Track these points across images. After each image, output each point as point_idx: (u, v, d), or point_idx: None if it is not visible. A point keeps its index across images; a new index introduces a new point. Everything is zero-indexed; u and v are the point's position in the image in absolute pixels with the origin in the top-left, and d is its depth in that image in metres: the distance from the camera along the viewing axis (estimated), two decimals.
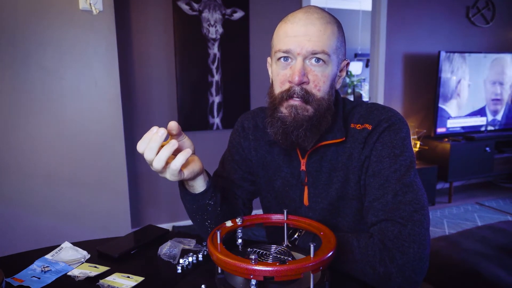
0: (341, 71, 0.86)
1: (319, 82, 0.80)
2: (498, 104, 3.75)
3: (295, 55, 0.78)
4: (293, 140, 0.81)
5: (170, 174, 0.70)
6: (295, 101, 0.79)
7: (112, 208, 2.22)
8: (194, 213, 0.87)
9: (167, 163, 0.69)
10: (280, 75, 0.82)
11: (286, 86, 0.80)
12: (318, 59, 0.78)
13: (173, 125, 0.71)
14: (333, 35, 0.80)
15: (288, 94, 0.80)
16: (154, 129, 0.68)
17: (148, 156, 0.68)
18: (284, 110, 0.81)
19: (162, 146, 0.68)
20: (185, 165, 0.73)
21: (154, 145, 0.67)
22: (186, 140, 0.76)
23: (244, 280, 0.68)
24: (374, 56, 3.51)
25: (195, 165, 0.76)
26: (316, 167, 0.88)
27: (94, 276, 0.78)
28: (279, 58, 0.81)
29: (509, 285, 1.49)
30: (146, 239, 0.95)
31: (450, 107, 3.51)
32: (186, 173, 0.74)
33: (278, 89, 0.82)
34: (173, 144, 0.67)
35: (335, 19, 0.82)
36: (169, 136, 0.73)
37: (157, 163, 0.68)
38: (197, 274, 0.79)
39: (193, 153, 0.77)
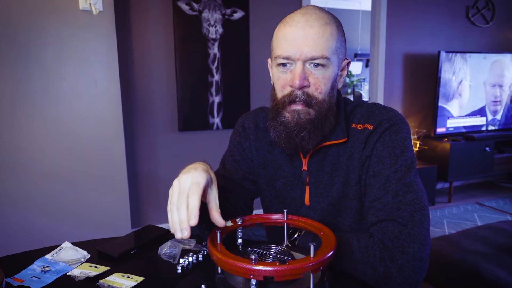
0: (342, 70, 0.86)
1: (320, 85, 0.80)
2: (498, 104, 3.75)
3: (294, 60, 0.78)
4: (297, 143, 0.82)
5: None
6: (298, 106, 0.80)
7: (112, 208, 2.22)
8: None
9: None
10: (281, 79, 0.82)
11: (288, 90, 0.81)
12: (316, 64, 0.78)
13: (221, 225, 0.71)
14: (332, 36, 0.79)
15: (290, 99, 0.80)
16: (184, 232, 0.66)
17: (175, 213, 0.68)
18: (287, 114, 0.81)
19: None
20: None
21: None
22: (214, 192, 0.73)
23: (244, 280, 0.68)
24: (374, 56, 3.51)
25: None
26: (317, 167, 0.88)
27: (94, 276, 0.78)
28: (279, 64, 0.81)
29: (509, 285, 1.49)
30: (146, 239, 0.95)
31: (450, 107, 3.51)
32: None
33: (279, 93, 0.83)
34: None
35: (334, 19, 0.82)
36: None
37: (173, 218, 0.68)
38: (197, 274, 0.79)
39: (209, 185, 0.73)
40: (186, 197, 0.66)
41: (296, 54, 0.78)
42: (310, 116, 0.80)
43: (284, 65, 0.80)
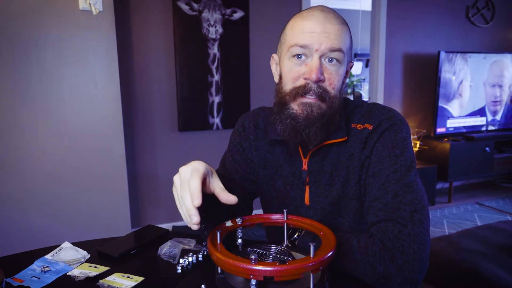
0: (346, 72, 0.87)
1: (334, 81, 0.80)
2: (498, 104, 3.75)
3: (312, 52, 0.78)
4: (303, 138, 0.81)
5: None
6: (310, 99, 0.79)
7: (112, 208, 2.22)
8: None
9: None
10: (293, 71, 0.81)
11: (301, 82, 0.80)
12: (332, 59, 0.79)
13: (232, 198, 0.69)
14: (347, 36, 0.82)
15: (304, 91, 0.79)
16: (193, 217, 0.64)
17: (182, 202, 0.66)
18: (295, 107, 0.81)
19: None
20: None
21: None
22: (216, 180, 0.72)
23: (244, 280, 0.68)
24: (374, 56, 3.51)
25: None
26: (318, 167, 0.88)
27: (94, 276, 0.78)
28: (294, 55, 0.81)
29: (509, 285, 1.49)
30: (146, 239, 0.95)
31: (450, 107, 3.51)
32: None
33: (290, 85, 0.82)
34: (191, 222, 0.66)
35: (346, 22, 0.84)
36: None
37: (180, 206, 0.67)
38: (197, 274, 0.79)
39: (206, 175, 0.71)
40: (187, 185, 0.65)
41: (315, 45, 0.78)
42: (322, 111, 0.80)
43: (298, 56, 0.80)
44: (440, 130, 3.48)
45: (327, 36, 0.78)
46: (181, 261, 0.83)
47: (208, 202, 0.71)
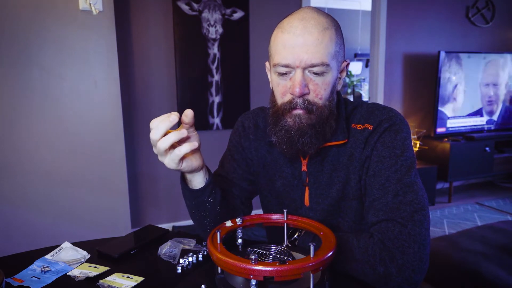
0: (341, 72, 0.86)
1: (320, 91, 0.79)
2: (493, 104, 3.75)
3: (294, 67, 0.77)
4: (299, 148, 0.81)
5: (170, 160, 0.73)
6: (299, 111, 0.79)
7: (112, 208, 2.22)
8: (193, 210, 0.87)
9: (172, 147, 0.72)
10: (281, 85, 0.81)
11: (288, 97, 0.80)
12: (316, 73, 0.78)
13: (189, 113, 0.73)
14: (331, 41, 0.77)
15: (290, 106, 0.79)
16: (171, 114, 0.70)
17: (153, 135, 0.70)
18: (288, 119, 0.81)
19: (168, 133, 0.71)
20: (185, 156, 0.76)
21: (162, 126, 0.69)
22: (194, 135, 0.78)
23: (244, 280, 0.68)
24: (374, 56, 3.51)
25: (195, 160, 0.78)
26: (317, 168, 0.88)
27: (94, 276, 0.78)
28: (278, 73, 0.80)
29: (509, 285, 1.49)
30: (146, 239, 0.95)
31: (450, 107, 3.51)
32: (185, 164, 0.76)
33: (280, 100, 0.82)
34: (182, 132, 0.70)
35: (333, 21, 0.80)
36: (181, 124, 0.75)
37: (162, 144, 0.70)
38: (197, 274, 0.79)
39: (198, 149, 0.78)
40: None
41: (295, 62, 0.76)
42: (311, 121, 0.80)
43: (283, 73, 0.79)
44: (440, 130, 3.48)
45: (306, 50, 0.75)
46: (181, 261, 0.83)
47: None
